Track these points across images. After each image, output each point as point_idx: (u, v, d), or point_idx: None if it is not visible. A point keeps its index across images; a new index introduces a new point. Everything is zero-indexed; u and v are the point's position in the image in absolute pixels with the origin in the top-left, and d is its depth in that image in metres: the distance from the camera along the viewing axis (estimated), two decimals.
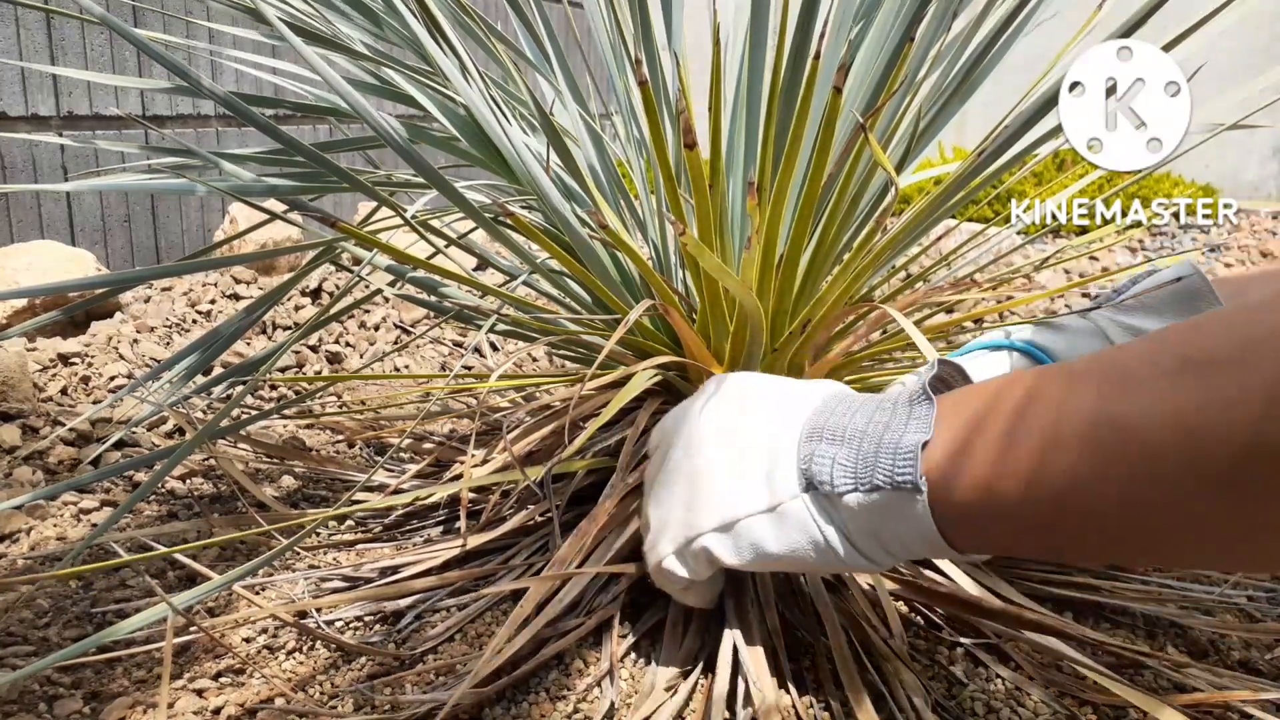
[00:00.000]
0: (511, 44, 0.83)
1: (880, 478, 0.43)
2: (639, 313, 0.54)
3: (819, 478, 0.46)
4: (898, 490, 0.43)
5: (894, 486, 0.43)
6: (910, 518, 0.43)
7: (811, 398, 0.51)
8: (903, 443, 0.43)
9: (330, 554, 0.73)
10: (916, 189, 1.41)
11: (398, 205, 0.62)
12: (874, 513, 0.44)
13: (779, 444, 0.48)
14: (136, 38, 0.59)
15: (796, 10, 0.59)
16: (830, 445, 0.46)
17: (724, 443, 0.51)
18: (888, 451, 0.43)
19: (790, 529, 0.47)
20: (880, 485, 0.43)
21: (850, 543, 0.46)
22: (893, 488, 0.43)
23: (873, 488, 0.44)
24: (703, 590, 0.56)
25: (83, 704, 0.54)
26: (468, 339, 1.39)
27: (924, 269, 0.86)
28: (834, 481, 0.45)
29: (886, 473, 0.43)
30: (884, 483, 0.43)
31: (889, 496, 0.43)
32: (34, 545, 0.74)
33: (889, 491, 0.43)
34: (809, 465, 0.46)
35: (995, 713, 0.55)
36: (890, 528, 0.44)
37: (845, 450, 0.45)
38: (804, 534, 0.47)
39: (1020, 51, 0.75)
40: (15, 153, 1.59)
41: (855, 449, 0.45)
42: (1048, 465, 0.38)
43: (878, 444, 0.44)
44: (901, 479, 0.43)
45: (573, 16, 0.91)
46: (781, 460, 0.48)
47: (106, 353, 1.21)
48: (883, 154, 0.52)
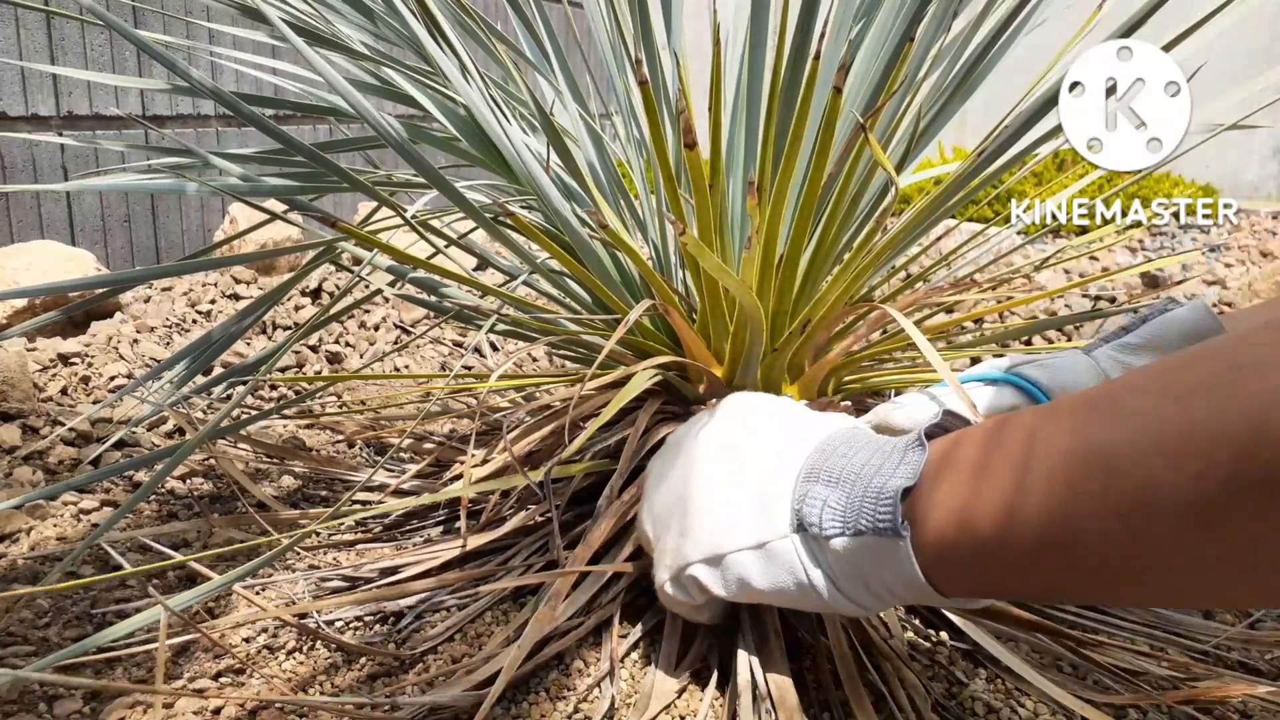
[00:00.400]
0: (511, 44, 0.83)
1: (864, 522, 0.43)
2: (639, 313, 0.54)
3: (809, 519, 0.45)
4: (879, 535, 0.42)
5: (876, 532, 0.43)
6: (894, 563, 0.43)
7: (817, 434, 0.50)
8: (886, 487, 0.43)
9: (330, 554, 0.73)
10: (916, 189, 1.42)
11: (398, 205, 0.62)
12: (858, 557, 0.44)
13: (776, 481, 0.48)
14: (136, 37, 0.59)
15: (796, 10, 0.59)
16: (825, 487, 0.46)
17: (721, 466, 0.51)
18: (872, 496, 0.43)
19: (777, 568, 0.47)
20: (863, 530, 0.43)
21: (836, 586, 0.46)
22: (874, 533, 0.43)
23: (857, 532, 0.43)
24: (712, 610, 0.56)
25: (83, 704, 0.54)
26: (468, 339, 1.39)
27: (924, 269, 0.86)
28: (822, 525, 0.45)
29: (869, 518, 0.43)
30: (867, 527, 0.43)
31: (872, 541, 0.43)
32: (34, 545, 0.74)
33: (871, 536, 0.43)
34: (801, 506, 0.46)
35: (995, 713, 0.55)
36: (875, 573, 0.44)
37: (838, 493, 0.45)
38: (790, 574, 0.46)
39: (1020, 51, 0.75)
40: (15, 153, 1.59)
41: (847, 493, 0.44)
42: (1029, 500, 0.37)
43: (865, 488, 0.44)
44: (883, 524, 0.42)
45: (573, 16, 0.91)
46: (776, 498, 0.48)
47: (106, 353, 1.21)
48: (883, 154, 0.52)
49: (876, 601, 0.46)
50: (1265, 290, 1.61)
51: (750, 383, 0.66)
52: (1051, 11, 0.75)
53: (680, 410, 0.69)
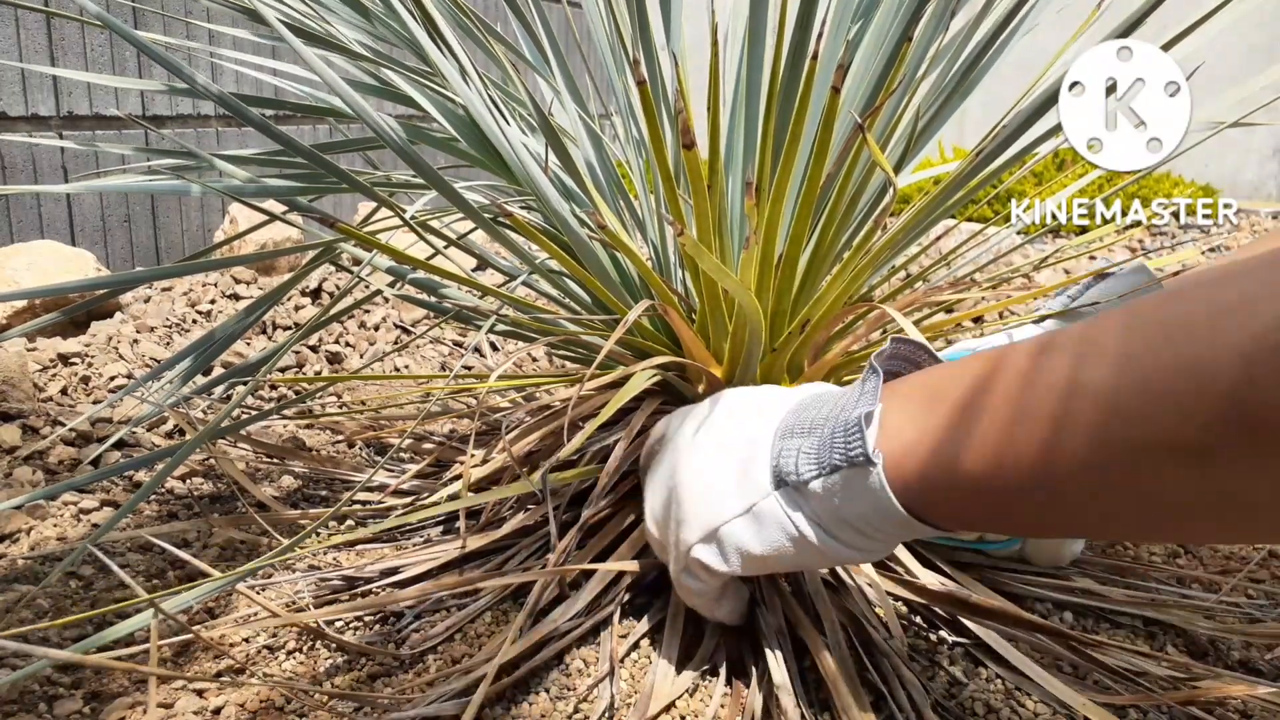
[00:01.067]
0: (510, 45, 0.83)
1: (836, 457, 0.43)
2: (638, 313, 0.54)
3: (785, 469, 0.45)
4: (853, 467, 0.42)
5: (849, 464, 0.43)
6: (869, 493, 0.42)
7: (791, 399, 0.50)
8: (851, 418, 0.43)
9: (330, 554, 0.73)
10: (916, 188, 1.41)
11: (397, 206, 0.62)
12: (836, 494, 0.44)
13: (755, 446, 0.48)
14: (136, 38, 0.60)
15: (795, 10, 0.59)
16: (798, 439, 0.46)
17: (707, 452, 0.51)
18: (840, 430, 0.43)
19: (768, 528, 0.47)
20: (838, 465, 0.43)
21: (824, 530, 0.45)
22: (848, 465, 0.43)
23: (832, 469, 0.43)
24: (730, 604, 0.56)
25: (83, 704, 0.54)
26: (468, 339, 1.39)
27: (923, 269, 0.86)
28: (799, 471, 0.45)
29: (840, 451, 0.43)
30: (840, 461, 0.43)
31: (846, 475, 0.43)
32: (34, 545, 0.74)
33: (845, 470, 0.43)
34: (778, 461, 0.46)
35: (995, 713, 0.55)
36: (853, 507, 0.44)
37: (810, 440, 0.45)
38: (780, 530, 0.46)
39: (1020, 51, 0.75)
40: (15, 153, 1.59)
41: (818, 437, 0.45)
42: (1016, 437, 0.37)
43: (834, 427, 0.44)
44: (853, 453, 0.42)
45: (572, 17, 0.91)
46: (756, 461, 0.48)
47: (106, 353, 1.22)
48: (881, 154, 0.52)
49: (869, 542, 0.45)
50: None
51: (749, 382, 0.66)
52: (1050, 11, 0.75)
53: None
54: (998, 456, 0.38)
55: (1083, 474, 0.36)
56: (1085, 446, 0.35)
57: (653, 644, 0.61)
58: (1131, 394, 0.34)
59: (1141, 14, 0.59)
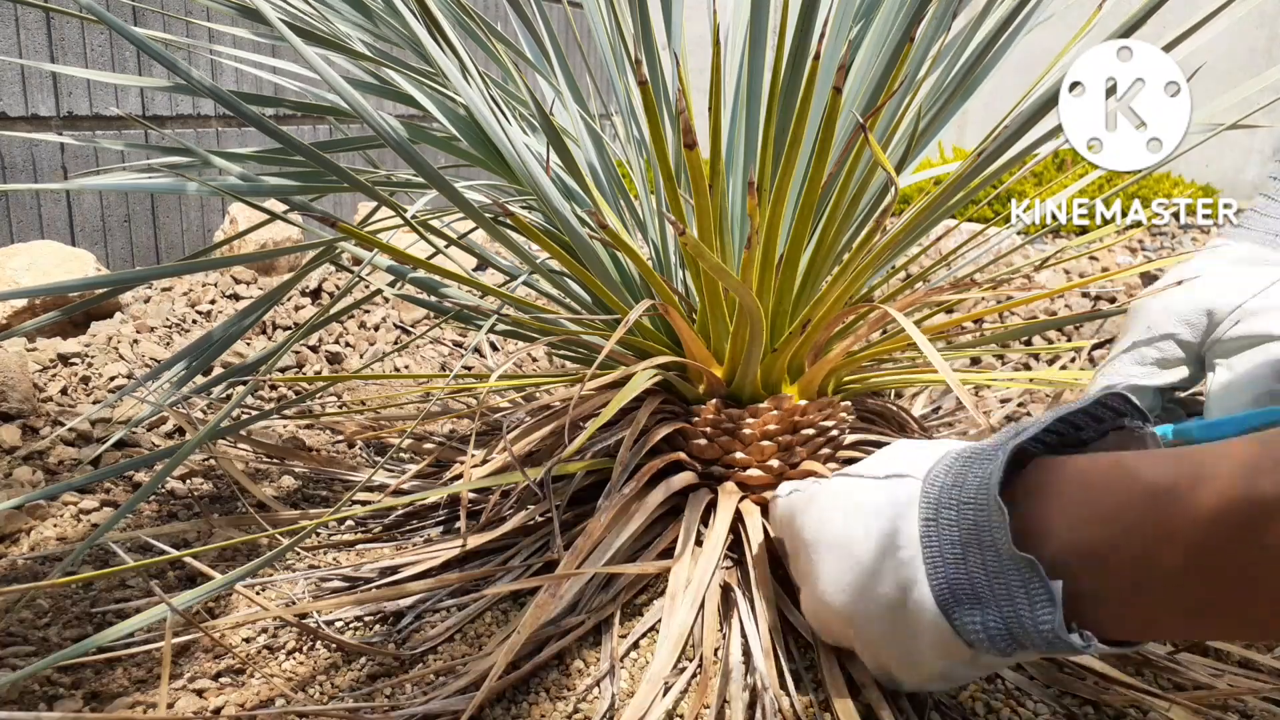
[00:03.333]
0: (511, 44, 0.83)
1: (1042, 647, 0.43)
2: (639, 313, 0.54)
3: (979, 644, 0.45)
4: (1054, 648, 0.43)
5: (1049, 646, 0.43)
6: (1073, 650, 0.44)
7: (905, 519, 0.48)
8: (1040, 627, 0.42)
9: (330, 554, 0.73)
10: (916, 189, 1.42)
11: (398, 205, 0.62)
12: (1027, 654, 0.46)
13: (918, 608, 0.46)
14: (136, 36, 0.59)
15: (796, 10, 0.59)
16: (972, 611, 0.45)
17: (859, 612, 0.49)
18: (1031, 631, 0.43)
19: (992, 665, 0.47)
20: (1036, 647, 0.44)
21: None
22: (1048, 647, 0.43)
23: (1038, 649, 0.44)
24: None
25: (83, 704, 0.54)
26: (468, 339, 1.39)
27: (924, 269, 0.86)
28: (997, 649, 0.45)
29: (1045, 646, 0.43)
30: (1046, 649, 0.44)
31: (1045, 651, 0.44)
32: (34, 545, 0.74)
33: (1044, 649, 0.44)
34: (966, 636, 0.45)
35: (995, 713, 0.55)
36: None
37: (990, 615, 0.44)
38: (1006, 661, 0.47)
39: (1020, 51, 0.75)
40: (15, 153, 1.59)
41: (998, 615, 0.44)
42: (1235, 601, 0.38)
43: (1017, 618, 0.43)
44: (1061, 648, 0.43)
45: (573, 17, 0.91)
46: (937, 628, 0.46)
47: (106, 353, 1.21)
48: (882, 154, 0.52)
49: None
50: None
51: (750, 382, 0.66)
52: (1051, 11, 0.75)
53: (680, 409, 0.69)
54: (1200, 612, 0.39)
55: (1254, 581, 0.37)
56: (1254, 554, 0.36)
57: (653, 643, 0.61)
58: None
59: (1142, 14, 0.59)
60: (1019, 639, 0.43)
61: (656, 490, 0.65)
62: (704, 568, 0.61)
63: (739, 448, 0.67)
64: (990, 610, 0.44)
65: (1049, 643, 0.42)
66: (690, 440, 0.69)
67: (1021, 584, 0.42)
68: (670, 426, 0.67)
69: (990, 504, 0.43)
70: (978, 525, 0.44)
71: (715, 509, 0.65)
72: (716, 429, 0.67)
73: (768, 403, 0.66)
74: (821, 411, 0.68)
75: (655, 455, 0.67)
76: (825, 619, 0.53)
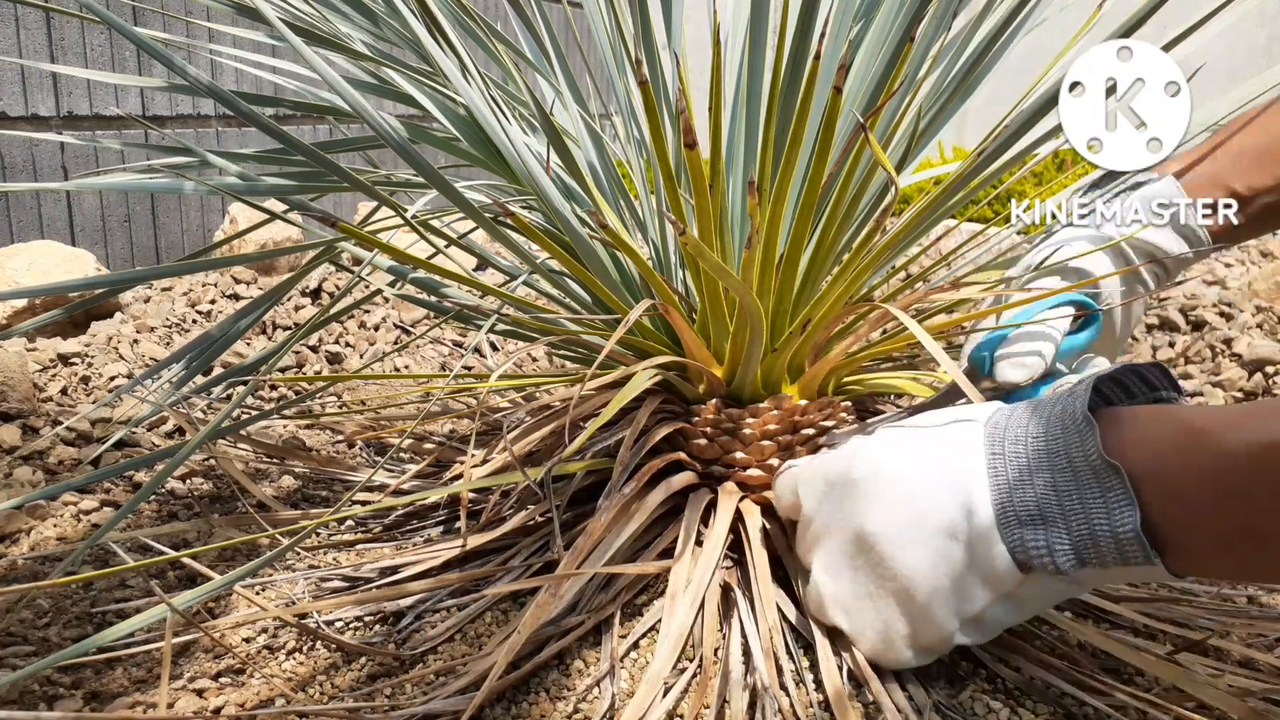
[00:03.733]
0: (511, 44, 0.83)
1: (1110, 559, 0.46)
2: (639, 313, 0.54)
3: (1040, 564, 0.48)
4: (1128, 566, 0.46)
5: (1123, 562, 0.46)
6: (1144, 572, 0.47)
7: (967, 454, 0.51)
8: (1119, 531, 0.45)
9: (330, 554, 0.73)
10: (916, 189, 1.42)
11: (398, 205, 0.62)
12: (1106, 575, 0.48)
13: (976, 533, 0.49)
14: (136, 36, 0.59)
15: (796, 10, 0.59)
16: (1036, 530, 0.48)
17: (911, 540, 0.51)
18: (1107, 539, 0.46)
19: (1031, 605, 0.51)
20: (1111, 564, 0.46)
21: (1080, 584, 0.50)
22: (1122, 563, 0.46)
23: (1103, 565, 0.47)
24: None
25: (83, 704, 0.54)
26: (468, 339, 1.39)
27: (924, 269, 0.86)
28: (1060, 567, 0.47)
29: (1115, 556, 0.46)
30: (1113, 562, 0.46)
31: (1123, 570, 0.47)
32: (34, 545, 0.74)
33: (1120, 567, 0.47)
34: (1026, 556, 0.48)
35: (995, 713, 0.55)
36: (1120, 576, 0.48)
37: (1056, 534, 0.47)
38: (1046, 601, 0.52)
39: (1020, 51, 0.75)
40: (15, 153, 1.59)
41: (1066, 531, 0.47)
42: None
43: (1090, 530, 0.46)
44: (1133, 558, 0.45)
45: (572, 17, 0.91)
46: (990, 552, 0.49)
47: (106, 353, 1.21)
48: (883, 154, 0.52)
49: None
50: (1264, 290, 1.61)
51: (750, 382, 0.66)
52: (1051, 11, 0.75)
53: (680, 409, 0.69)
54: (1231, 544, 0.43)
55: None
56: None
57: (652, 643, 0.61)
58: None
59: (1142, 14, 0.59)
60: (1084, 555, 0.46)
61: (657, 490, 0.65)
62: (704, 568, 0.61)
63: (739, 448, 0.67)
64: (1057, 528, 0.47)
65: (1122, 552, 0.45)
66: (690, 440, 0.69)
67: (1100, 494, 0.46)
68: (670, 426, 0.67)
69: (1072, 425, 0.47)
70: (1050, 452, 0.48)
71: (715, 509, 0.65)
72: (717, 429, 0.67)
73: (768, 403, 0.67)
74: (822, 411, 0.68)
75: (655, 455, 0.67)
76: (862, 563, 0.54)
